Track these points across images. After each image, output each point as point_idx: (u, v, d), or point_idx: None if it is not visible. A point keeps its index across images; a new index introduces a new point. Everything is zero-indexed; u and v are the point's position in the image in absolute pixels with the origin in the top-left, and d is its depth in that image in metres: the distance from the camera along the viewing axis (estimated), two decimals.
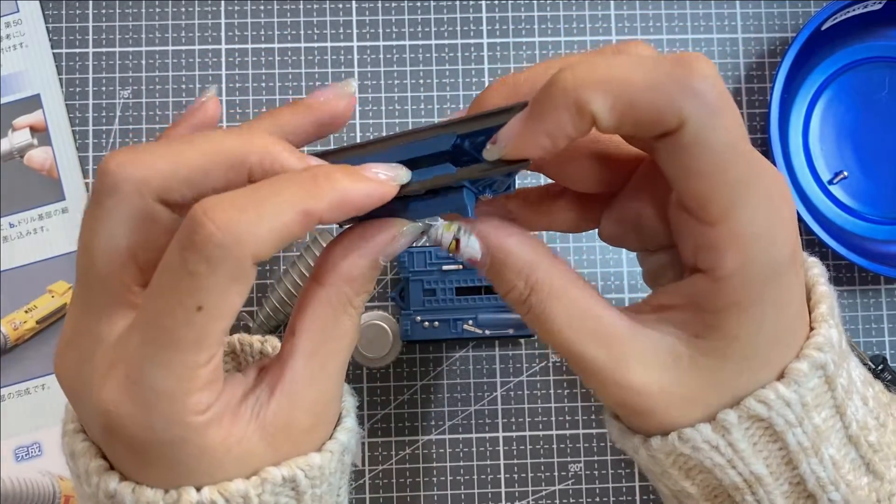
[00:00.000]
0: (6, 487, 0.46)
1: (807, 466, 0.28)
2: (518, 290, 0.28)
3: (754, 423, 0.28)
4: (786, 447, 0.28)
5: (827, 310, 0.29)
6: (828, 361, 0.28)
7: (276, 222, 0.24)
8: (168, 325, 0.24)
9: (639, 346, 0.27)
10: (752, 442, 0.28)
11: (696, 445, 0.28)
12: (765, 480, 0.28)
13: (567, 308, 0.27)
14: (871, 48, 0.50)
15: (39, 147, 0.48)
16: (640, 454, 0.29)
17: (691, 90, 0.24)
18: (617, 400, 0.28)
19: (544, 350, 0.48)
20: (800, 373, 0.27)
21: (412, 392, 0.48)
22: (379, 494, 0.47)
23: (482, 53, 0.50)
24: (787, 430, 0.28)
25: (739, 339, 0.27)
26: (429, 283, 0.45)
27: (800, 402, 0.28)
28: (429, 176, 0.27)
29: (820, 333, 0.28)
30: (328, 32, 0.50)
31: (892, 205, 0.49)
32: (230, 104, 0.49)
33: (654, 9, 0.50)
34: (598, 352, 0.27)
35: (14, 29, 0.49)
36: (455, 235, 0.28)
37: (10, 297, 0.47)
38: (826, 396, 0.28)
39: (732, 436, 0.28)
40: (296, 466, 0.27)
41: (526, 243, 0.28)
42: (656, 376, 0.27)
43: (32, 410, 0.46)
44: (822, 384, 0.28)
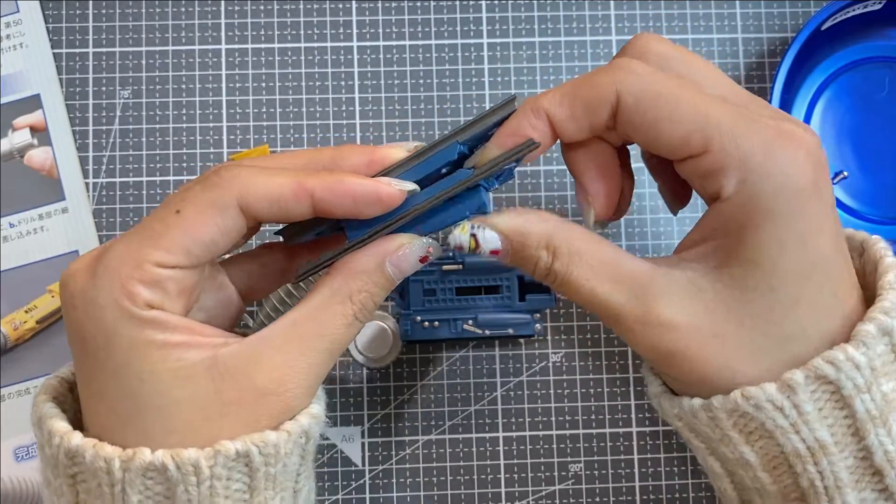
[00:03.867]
0: (6, 487, 0.46)
1: (874, 438, 0.27)
2: (542, 260, 0.29)
3: (821, 386, 0.27)
4: (853, 415, 0.27)
5: (894, 278, 0.29)
6: (894, 328, 0.27)
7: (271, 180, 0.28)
8: (149, 218, 0.28)
9: (660, 284, 0.28)
10: (817, 406, 0.27)
11: (759, 404, 0.27)
12: (829, 449, 0.27)
13: (588, 261, 0.29)
14: (871, 48, 0.50)
15: (39, 147, 0.48)
16: (700, 418, 0.29)
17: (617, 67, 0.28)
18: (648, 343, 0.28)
19: (544, 350, 0.48)
20: (868, 334, 0.27)
21: (412, 392, 0.48)
22: (379, 494, 0.47)
23: (482, 53, 0.50)
24: (856, 395, 0.27)
25: (759, 264, 0.27)
26: (429, 283, 0.45)
27: (869, 365, 0.27)
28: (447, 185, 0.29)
29: (887, 298, 0.28)
30: (328, 32, 0.50)
31: (892, 205, 0.49)
32: (230, 104, 0.49)
33: (654, 9, 0.50)
34: (620, 295, 0.28)
35: (14, 29, 0.49)
36: (471, 232, 0.29)
37: (10, 297, 0.47)
38: (893, 366, 0.28)
39: (798, 396, 0.27)
40: (250, 441, 0.28)
41: (537, 218, 0.30)
42: (681, 309, 0.28)
43: None
44: (889, 352, 0.28)
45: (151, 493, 0.27)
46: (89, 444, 0.27)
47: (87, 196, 0.48)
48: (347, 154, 0.30)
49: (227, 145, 0.49)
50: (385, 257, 0.29)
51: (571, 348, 0.48)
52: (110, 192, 0.48)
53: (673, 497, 0.47)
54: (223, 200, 0.28)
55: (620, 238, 0.49)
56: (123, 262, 0.27)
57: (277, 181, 0.28)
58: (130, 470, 0.27)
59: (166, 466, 0.27)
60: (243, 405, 0.28)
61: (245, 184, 0.28)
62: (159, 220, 0.28)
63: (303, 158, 0.30)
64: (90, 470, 0.27)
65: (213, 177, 0.28)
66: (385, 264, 0.29)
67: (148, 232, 0.28)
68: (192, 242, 0.28)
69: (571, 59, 0.50)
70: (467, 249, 0.29)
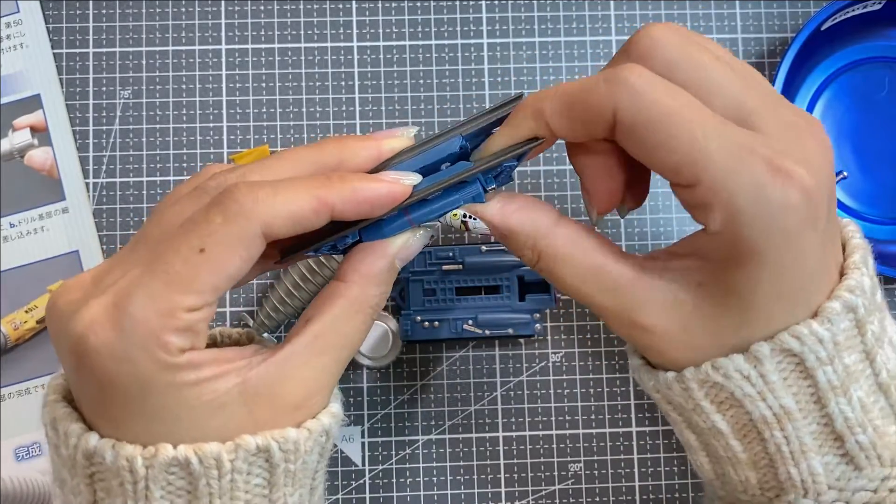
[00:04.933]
0: (6, 487, 0.46)
1: (835, 406, 0.29)
2: (527, 256, 0.30)
3: (786, 358, 0.28)
4: (815, 385, 0.29)
5: (860, 258, 0.30)
6: (858, 305, 0.29)
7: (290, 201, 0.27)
8: (169, 258, 0.27)
9: (643, 292, 0.29)
10: (782, 376, 0.29)
11: (727, 374, 0.29)
12: (794, 415, 0.29)
13: (573, 268, 0.30)
14: (870, 48, 0.50)
15: (40, 147, 0.48)
16: (674, 389, 0.30)
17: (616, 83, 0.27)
18: (630, 339, 0.30)
19: (544, 350, 0.48)
20: (833, 311, 0.28)
21: (412, 392, 0.48)
22: (379, 494, 0.47)
23: (482, 53, 0.50)
24: (818, 367, 0.28)
25: (739, 294, 0.28)
26: (429, 283, 0.45)
27: (832, 340, 0.28)
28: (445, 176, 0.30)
29: (851, 278, 0.29)
30: (328, 32, 0.50)
31: (892, 205, 0.49)
32: (230, 104, 0.49)
33: (653, 9, 0.50)
34: (605, 299, 0.30)
35: (14, 29, 0.49)
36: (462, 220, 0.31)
37: (10, 297, 0.47)
38: (856, 340, 0.29)
39: (764, 367, 0.28)
40: (271, 437, 0.28)
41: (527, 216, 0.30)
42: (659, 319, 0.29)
43: (33, 410, 0.46)
44: (852, 327, 0.29)
45: (174, 487, 0.28)
46: (108, 444, 0.28)
47: (88, 196, 0.48)
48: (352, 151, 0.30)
49: (227, 145, 0.49)
50: (394, 257, 0.30)
51: (571, 348, 0.48)
52: (110, 192, 0.48)
53: (673, 497, 0.47)
54: (249, 233, 0.27)
55: (620, 238, 0.49)
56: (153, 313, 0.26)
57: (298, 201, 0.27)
58: (154, 466, 0.27)
59: (189, 460, 0.27)
60: (276, 422, 0.28)
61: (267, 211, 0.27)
62: (183, 261, 0.27)
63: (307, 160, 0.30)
64: (111, 469, 0.28)
65: (232, 204, 0.27)
66: (394, 263, 0.30)
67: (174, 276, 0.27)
68: (221, 281, 0.27)
69: (571, 59, 0.50)
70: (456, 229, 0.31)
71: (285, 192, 0.27)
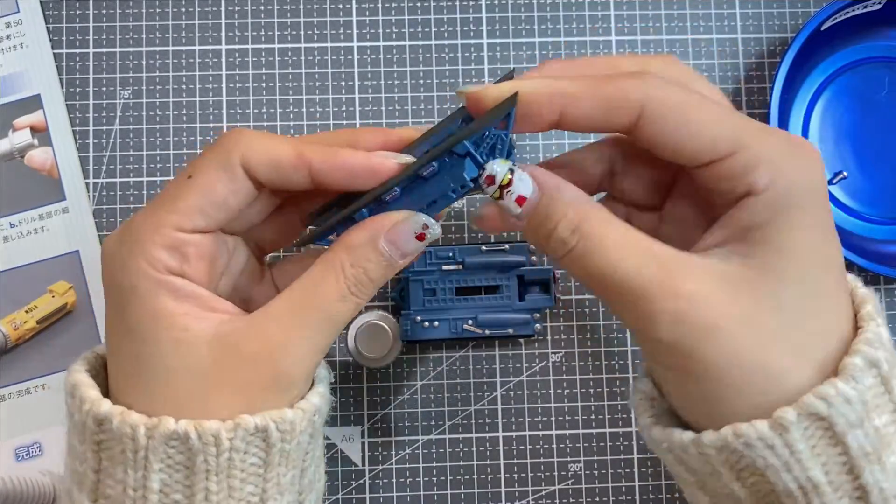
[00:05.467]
0: (6, 487, 0.46)
1: (870, 476, 0.26)
2: (569, 218, 0.28)
3: (813, 423, 0.26)
4: (846, 452, 0.26)
5: (873, 308, 0.28)
6: (881, 359, 0.27)
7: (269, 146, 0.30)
8: (168, 186, 0.30)
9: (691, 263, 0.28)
10: (810, 444, 0.26)
11: (749, 442, 0.26)
12: (822, 489, 0.26)
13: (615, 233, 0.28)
14: (870, 48, 0.50)
15: (40, 147, 0.48)
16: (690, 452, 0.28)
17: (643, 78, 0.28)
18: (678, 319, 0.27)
19: (544, 350, 0.48)
20: (855, 367, 0.26)
21: (412, 392, 0.48)
22: (379, 494, 0.47)
23: (482, 53, 0.50)
24: (849, 431, 0.26)
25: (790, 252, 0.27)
26: (429, 283, 0.45)
27: (860, 399, 0.26)
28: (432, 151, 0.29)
29: (870, 329, 0.27)
30: (328, 32, 0.50)
31: (891, 205, 0.49)
32: (230, 104, 0.49)
33: (653, 9, 0.50)
34: (649, 269, 0.27)
35: (14, 29, 0.49)
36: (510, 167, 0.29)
37: (10, 297, 0.47)
38: (884, 398, 0.27)
39: (791, 435, 0.26)
40: (269, 417, 0.29)
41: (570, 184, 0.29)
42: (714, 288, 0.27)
43: (33, 410, 0.46)
44: (878, 384, 0.27)
45: (172, 461, 0.28)
46: (117, 410, 0.28)
47: (88, 196, 0.48)
48: (362, 135, 0.32)
49: None
50: (378, 232, 0.30)
51: (571, 348, 0.48)
52: (110, 192, 0.48)
53: (673, 497, 0.47)
54: (228, 161, 0.29)
55: None
56: (145, 226, 0.29)
57: (278, 147, 0.30)
58: (154, 437, 0.28)
59: (188, 435, 0.28)
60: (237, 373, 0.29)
61: (247, 145, 0.29)
62: (175, 186, 0.30)
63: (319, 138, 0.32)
64: (116, 437, 0.28)
65: (220, 140, 0.30)
66: (379, 240, 0.30)
67: (166, 198, 0.30)
68: (205, 203, 0.29)
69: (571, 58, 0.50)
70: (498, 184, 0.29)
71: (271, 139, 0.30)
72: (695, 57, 0.50)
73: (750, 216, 0.27)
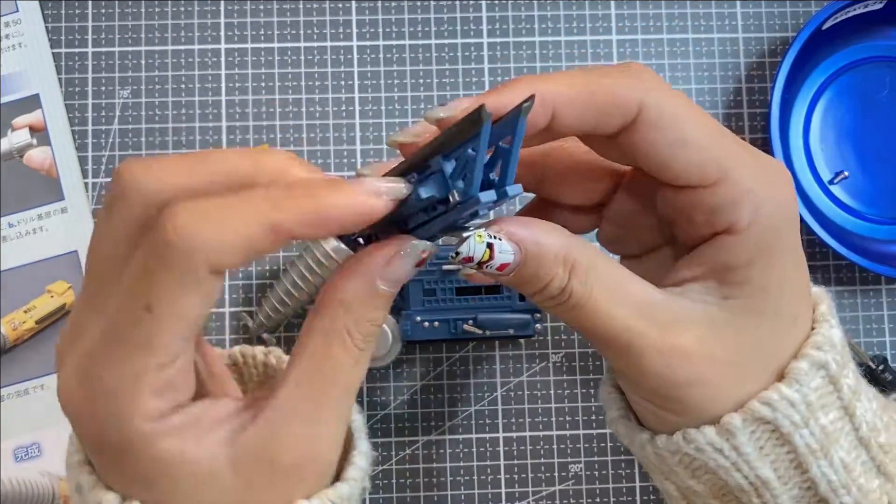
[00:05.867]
0: (5, 488, 0.46)
1: (817, 470, 0.28)
2: (559, 277, 0.26)
3: (760, 426, 0.27)
4: (794, 450, 0.28)
5: (827, 309, 0.29)
6: (829, 360, 0.28)
7: (237, 234, 0.23)
8: (120, 321, 0.24)
9: (679, 311, 0.27)
10: (758, 445, 0.28)
11: (699, 447, 0.28)
12: (771, 484, 0.28)
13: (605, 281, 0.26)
14: (871, 48, 0.50)
15: (38, 147, 0.48)
16: (647, 451, 0.29)
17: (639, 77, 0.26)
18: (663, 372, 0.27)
19: (544, 350, 0.48)
20: (800, 371, 0.27)
21: (412, 392, 0.48)
22: (379, 495, 0.47)
23: (482, 53, 0.50)
24: (794, 431, 0.27)
25: (769, 290, 0.27)
26: (429, 283, 0.45)
27: (803, 401, 0.27)
28: None
29: (819, 332, 0.28)
30: (328, 32, 0.50)
31: (892, 205, 0.49)
32: (230, 104, 0.49)
33: (654, 8, 0.50)
34: (638, 321, 0.26)
35: (13, 29, 0.49)
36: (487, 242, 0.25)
37: (9, 298, 0.47)
38: (832, 397, 0.28)
39: (737, 439, 0.27)
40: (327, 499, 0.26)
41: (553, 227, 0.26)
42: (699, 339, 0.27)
43: (32, 411, 0.46)
44: (825, 384, 0.28)
45: None
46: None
47: (87, 196, 0.48)
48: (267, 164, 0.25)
49: (227, 145, 0.49)
50: (373, 275, 0.25)
51: (571, 348, 0.48)
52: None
53: None
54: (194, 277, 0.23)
55: None
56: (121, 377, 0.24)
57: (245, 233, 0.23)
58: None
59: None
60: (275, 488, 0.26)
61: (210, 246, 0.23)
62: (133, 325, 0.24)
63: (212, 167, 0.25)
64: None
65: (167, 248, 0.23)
66: (375, 284, 0.25)
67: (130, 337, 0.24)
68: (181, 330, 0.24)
69: (571, 58, 0.50)
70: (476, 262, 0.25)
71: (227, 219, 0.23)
72: (695, 56, 0.50)
73: (729, 256, 0.27)
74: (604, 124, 0.26)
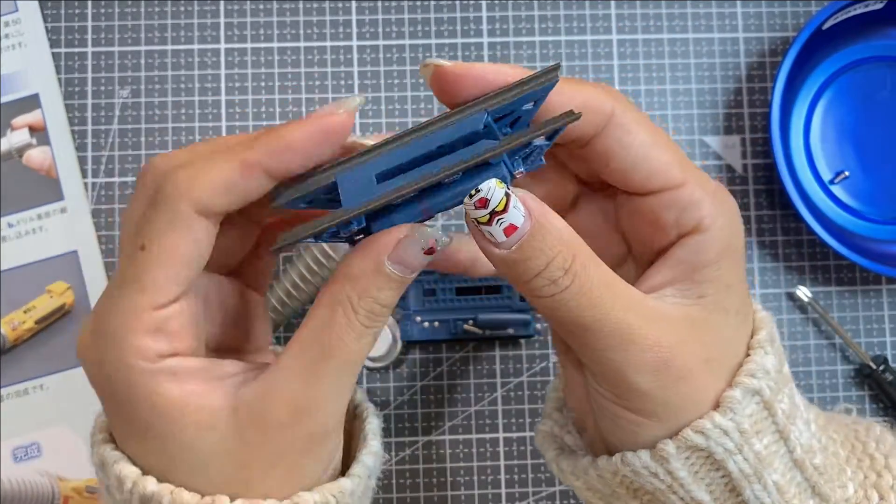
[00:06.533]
0: (5, 488, 0.46)
1: (750, 493, 0.29)
2: (562, 256, 0.26)
3: (694, 453, 0.28)
4: (728, 475, 0.29)
5: (765, 336, 0.30)
6: (762, 387, 0.28)
7: (215, 173, 0.25)
8: (121, 264, 0.27)
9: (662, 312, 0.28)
10: (693, 470, 0.28)
11: (635, 469, 0.28)
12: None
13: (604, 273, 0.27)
14: (872, 48, 0.50)
15: (38, 147, 0.48)
16: (590, 475, 0.30)
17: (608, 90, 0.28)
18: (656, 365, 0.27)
19: (545, 350, 0.48)
20: (733, 400, 0.28)
21: (412, 392, 0.48)
22: (379, 495, 0.47)
23: (482, 53, 0.50)
24: (728, 457, 0.28)
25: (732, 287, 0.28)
26: (429, 283, 0.45)
27: (737, 429, 0.28)
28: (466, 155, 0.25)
29: (753, 360, 0.29)
30: (328, 32, 0.50)
31: (892, 205, 0.49)
32: (230, 104, 0.49)
33: (654, 8, 0.50)
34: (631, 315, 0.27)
35: (13, 28, 0.49)
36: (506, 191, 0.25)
37: (8, 298, 0.47)
38: (767, 423, 0.29)
39: (671, 465, 0.28)
40: (328, 493, 0.27)
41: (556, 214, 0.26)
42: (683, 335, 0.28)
43: (31, 411, 0.46)
44: (760, 410, 0.29)
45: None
46: (166, 490, 0.27)
47: (86, 196, 0.48)
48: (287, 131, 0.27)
49: None
50: (382, 255, 0.26)
51: None
52: (109, 192, 0.48)
53: None
54: (178, 214, 0.25)
55: None
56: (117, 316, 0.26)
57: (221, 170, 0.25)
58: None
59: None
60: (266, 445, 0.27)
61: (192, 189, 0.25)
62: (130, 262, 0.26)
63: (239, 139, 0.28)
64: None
65: (158, 194, 0.26)
66: (384, 263, 0.26)
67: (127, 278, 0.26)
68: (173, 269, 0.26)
69: (572, 58, 0.50)
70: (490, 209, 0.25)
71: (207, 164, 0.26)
72: (696, 56, 0.50)
73: (697, 256, 0.28)
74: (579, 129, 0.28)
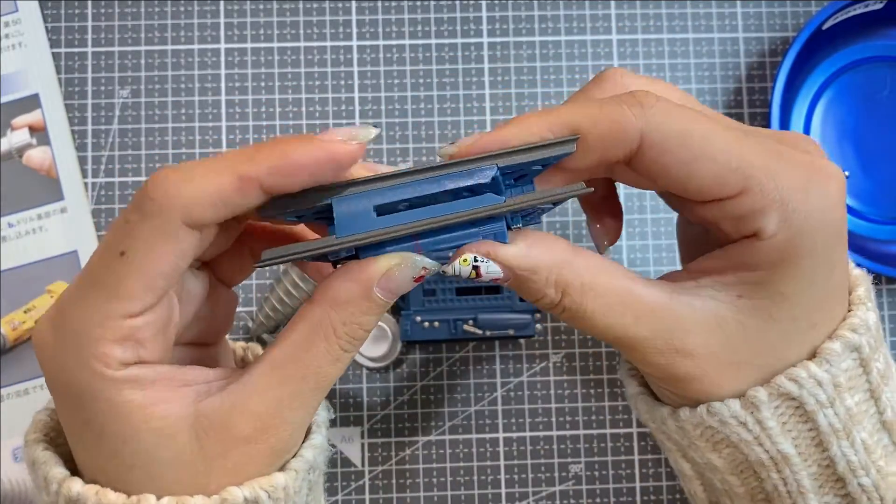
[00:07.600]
0: (5, 488, 0.46)
1: (837, 449, 0.28)
2: (549, 297, 0.27)
3: (784, 402, 0.28)
4: (816, 428, 0.28)
5: (864, 292, 0.29)
6: (862, 344, 0.28)
7: (208, 185, 0.24)
8: (94, 265, 0.25)
9: (682, 314, 0.27)
10: (781, 421, 0.28)
11: (723, 419, 0.28)
12: (792, 460, 0.28)
13: (603, 297, 0.27)
14: (871, 48, 0.50)
15: (38, 147, 0.48)
16: (668, 425, 0.30)
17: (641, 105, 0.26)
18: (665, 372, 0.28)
19: (544, 350, 0.48)
20: (832, 352, 0.27)
21: (412, 392, 0.48)
22: (379, 495, 0.47)
23: (482, 53, 0.50)
24: (819, 410, 0.28)
25: (787, 296, 0.27)
26: (429, 283, 0.45)
27: (832, 382, 0.28)
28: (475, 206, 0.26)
29: (856, 315, 0.28)
30: (328, 32, 0.50)
31: (893, 205, 0.49)
32: (230, 104, 0.49)
33: (654, 8, 0.50)
34: (643, 327, 0.27)
35: (13, 28, 0.49)
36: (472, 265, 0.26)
37: (8, 298, 0.47)
38: (861, 380, 0.28)
39: (761, 413, 0.28)
40: (259, 487, 0.26)
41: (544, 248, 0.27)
42: (702, 340, 0.27)
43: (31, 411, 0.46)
44: (856, 366, 0.28)
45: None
46: (91, 491, 0.26)
47: (86, 196, 0.48)
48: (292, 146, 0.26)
49: (227, 145, 0.49)
50: (372, 283, 0.26)
51: (571, 348, 0.48)
52: (109, 192, 0.48)
53: (673, 497, 0.47)
54: (167, 225, 0.24)
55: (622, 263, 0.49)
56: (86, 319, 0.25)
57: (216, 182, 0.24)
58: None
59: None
60: (228, 457, 0.26)
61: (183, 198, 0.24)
62: (106, 265, 0.25)
63: None
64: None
65: (146, 200, 0.25)
66: (372, 290, 0.26)
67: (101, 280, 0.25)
68: (151, 279, 0.25)
69: (572, 58, 0.50)
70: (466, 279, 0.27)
71: (201, 174, 0.25)
72: (696, 56, 0.50)
73: (752, 258, 0.27)
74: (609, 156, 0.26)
